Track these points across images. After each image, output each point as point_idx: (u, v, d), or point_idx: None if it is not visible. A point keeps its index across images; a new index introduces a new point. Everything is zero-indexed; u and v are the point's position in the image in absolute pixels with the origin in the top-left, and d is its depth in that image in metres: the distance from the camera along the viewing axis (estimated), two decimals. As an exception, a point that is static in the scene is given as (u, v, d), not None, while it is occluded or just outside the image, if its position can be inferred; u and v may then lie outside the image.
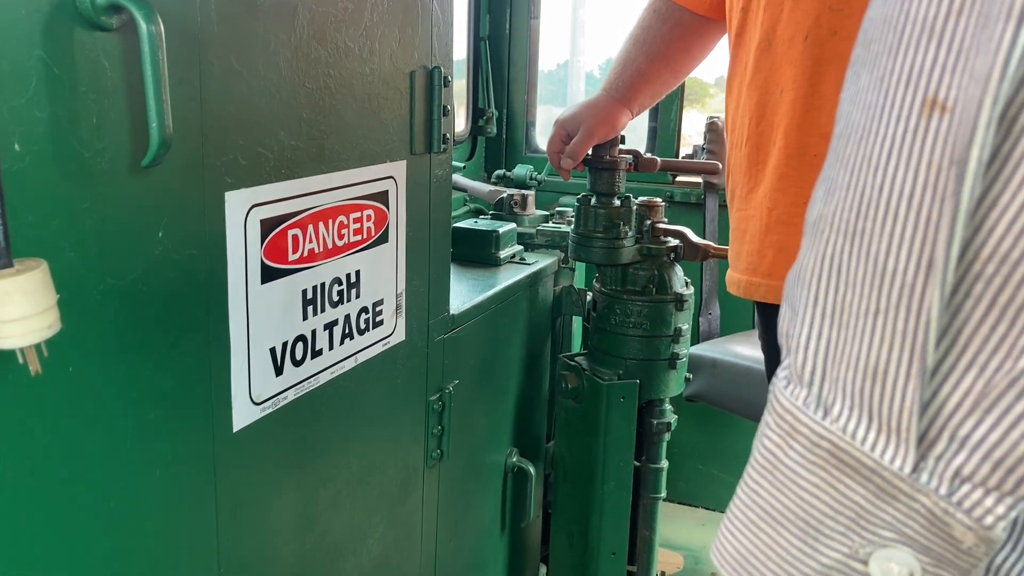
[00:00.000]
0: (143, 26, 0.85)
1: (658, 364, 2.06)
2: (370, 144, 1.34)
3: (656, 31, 1.81)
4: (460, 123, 3.10)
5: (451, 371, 1.68)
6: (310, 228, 1.22)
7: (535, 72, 3.17)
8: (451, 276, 1.68)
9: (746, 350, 2.50)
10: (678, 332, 2.05)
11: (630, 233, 2.02)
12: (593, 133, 1.88)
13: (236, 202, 1.07)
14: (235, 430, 1.13)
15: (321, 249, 1.25)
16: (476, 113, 3.12)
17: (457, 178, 2.59)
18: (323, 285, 1.26)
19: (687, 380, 2.19)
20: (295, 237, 1.19)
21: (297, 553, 1.31)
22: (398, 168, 1.41)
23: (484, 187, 2.46)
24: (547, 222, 2.35)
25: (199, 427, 1.07)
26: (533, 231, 2.27)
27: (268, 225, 1.14)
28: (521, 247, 2.18)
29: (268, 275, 1.15)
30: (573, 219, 2.05)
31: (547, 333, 2.23)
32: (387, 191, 1.39)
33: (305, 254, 1.22)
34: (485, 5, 3.08)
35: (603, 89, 1.90)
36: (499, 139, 3.18)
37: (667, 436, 2.14)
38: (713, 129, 2.50)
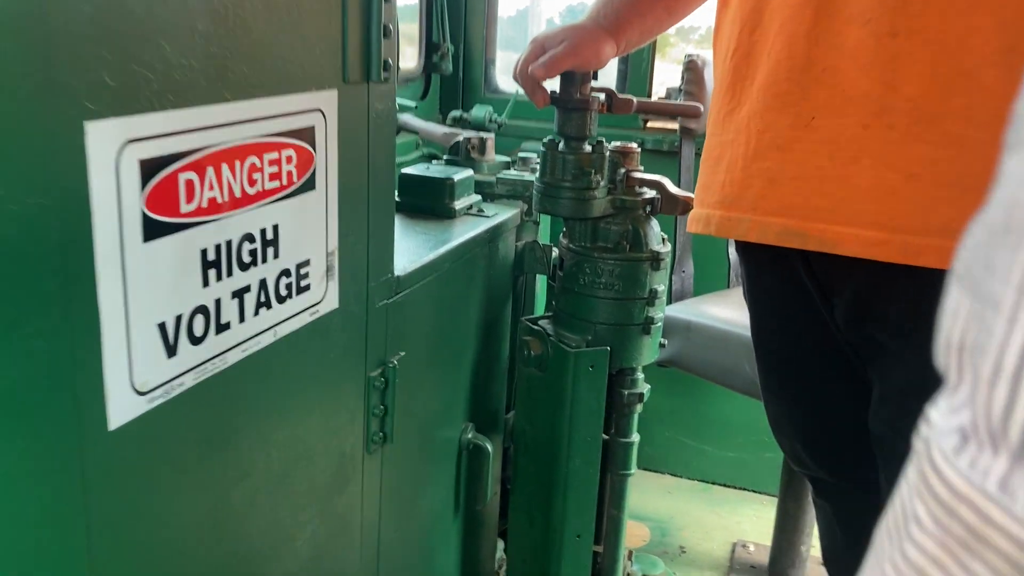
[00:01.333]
0: None
1: (631, 329, 1.84)
2: (290, 67, 1.08)
3: None
4: (412, 59, 2.82)
5: (396, 342, 1.44)
6: (210, 171, 0.96)
7: (495, 4, 2.89)
8: (397, 230, 1.43)
9: (722, 311, 2.30)
10: (653, 294, 1.83)
11: (602, 183, 1.79)
12: (576, 51, 1.60)
13: (102, 135, 0.82)
14: (112, 428, 0.89)
15: (226, 198, 1.00)
16: (430, 48, 2.84)
17: (407, 118, 2.32)
18: (229, 243, 1.01)
19: (661, 345, 1.98)
20: (189, 183, 0.94)
21: (207, 567, 1.08)
22: (327, 99, 1.16)
23: (438, 129, 2.21)
24: (509, 169, 2.11)
25: (60, 428, 0.83)
26: (493, 179, 2.02)
27: (150, 167, 0.88)
28: (479, 197, 1.93)
29: (153, 231, 0.90)
30: (538, 167, 1.81)
31: (508, 294, 2.00)
32: (312, 127, 1.14)
33: (204, 204, 0.96)
34: (441, -73, 2.79)
35: (588, 18, 1.65)
36: (455, 77, 2.91)
37: (639, 408, 1.94)
38: (692, 68, 2.26)
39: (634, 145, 1.86)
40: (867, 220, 1.11)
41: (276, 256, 1.10)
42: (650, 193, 1.84)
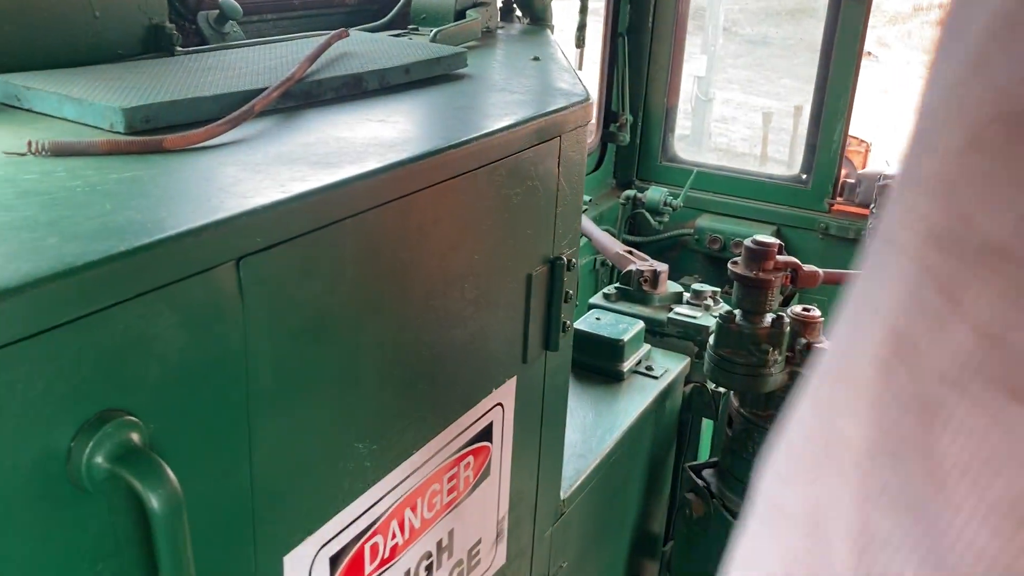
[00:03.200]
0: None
1: (799, 502, 1.79)
2: (472, 382, 1.09)
3: None
4: (588, 130, 2.77)
5: (560, 554, 1.47)
6: (393, 524, 1.00)
7: (679, 72, 2.78)
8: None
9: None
10: (826, 469, 1.76)
11: (779, 359, 1.72)
12: None
13: (297, 562, 0.86)
14: None
15: (407, 535, 1.04)
16: (608, 118, 2.77)
17: (584, 224, 2.29)
18: (408, 572, 1.06)
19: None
20: (374, 547, 0.98)
21: None
22: (506, 391, 1.17)
23: (612, 245, 2.17)
24: (680, 301, 2.05)
25: None
26: (664, 318, 1.98)
27: (338, 556, 0.93)
28: (647, 348, 1.90)
29: (339, 601, 0.95)
30: (713, 335, 1.76)
31: (673, 438, 1.98)
32: (491, 423, 1.15)
33: (387, 554, 1.01)
34: (626, -6, 2.68)
35: None
36: (632, 146, 2.84)
37: (801, 571, 1.89)
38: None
39: (816, 313, 1.77)
40: None
41: (449, 556, 1.14)
42: (831, 365, 1.75)
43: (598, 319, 1.90)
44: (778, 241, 1.71)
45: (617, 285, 2.08)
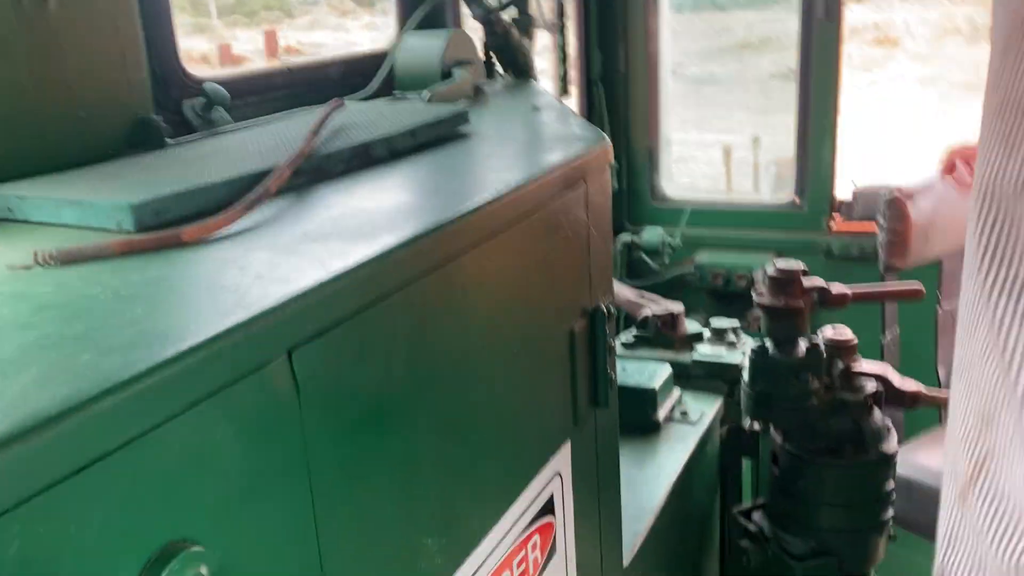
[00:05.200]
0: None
1: (861, 534, 1.70)
2: (529, 453, 1.01)
3: None
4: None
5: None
6: (471, 623, 0.91)
7: (656, 112, 2.75)
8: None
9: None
10: (885, 495, 1.68)
11: (819, 387, 1.65)
12: None
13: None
14: None
15: (484, 633, 0.94)
16: (592, 165, 2.73)
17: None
18: (489, 674, 0.96)
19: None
20: (453, 652, 0.88)
21: None
22: (562, 459, 1.09)
23: (623, 291, 2.10)
24: (700, 340, 1.98)
25: None
26: (688, 360, 1.91)
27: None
28: (679, 393, 1.83)
29: None
30: (747, 372, 1.69)
31: (715, 483, 1.90)
32: (552, 496, 1.07)
33: (465, 658, 0.91)
34: (595, 41, 2.67)
35: None
36: (620, 191, 2.79)
37: (871, 607, 1.80)
38: (896, 206, 2.06)
39: (850, 335, 1.71)
40: None
41: (528, 648, 1.04)
42: (871, 386, 1.69)
43: (624, 369, 1.82)
44: (801, 264, 1.65)
45: (635, 333, 2.01)
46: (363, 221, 0.81)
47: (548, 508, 1.06)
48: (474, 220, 0.83)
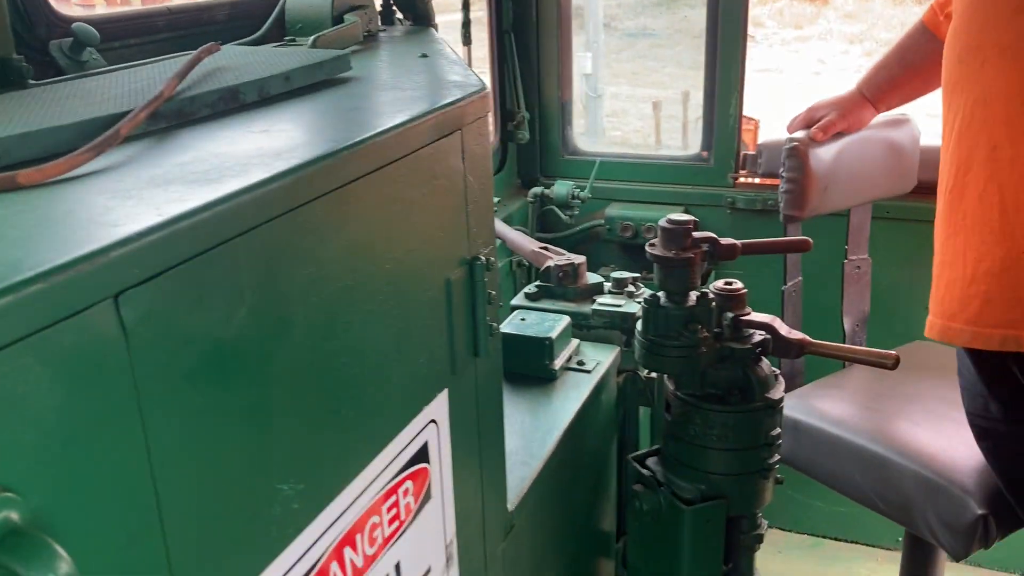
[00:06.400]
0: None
1: (749, 477, 1.76)
2: (400, 402, 1.02)
3: (917, 42, 2.03)
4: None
5: (513, 569, 1.40)
6: (334, 567, 0.92)
7: (569, 64, 2.75)
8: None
9: (835, 407, 2.20)
10: (771, 440, 1.74)
11: (709, 336, 1.69)
12: (844, 118, 2.12)
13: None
14: None
15: (350, 576, 0.95)
16: (504, 117, 2.73)
17: (496, 226, 2.23)
18: (357, 616, 0.97)
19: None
20: (315, 595, 0.89)
21: None
22: (438, 407, 1.10)
23: (527, 244, 2.12)
24: (601, 292, 2.01)
25: None
26: (588, 311, 1.94)
27: (277, 610, 0.84)
28: (576, 343, 1.86)
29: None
30: (640, 321, 1.72)
31: (613, 431, 1.94)
32: (426, 443, 1.08)
33: (330, 601, 0.92)
34: (507, -9, 2.64)
35: (856, 85, 2.14)
36: (532, 143, 2.79)
37: (758, 547, 1.87)
38: (795, 155, 2.10)
39: (739, 285, 1.75)
40: None
41: (400, 590, 1.06)
42: (759, 336, 1.73)
43: (523, 319, 1.84)
44: (693, 217, 1.68)
45: (537, 283, 2.03)
46: (212, 166, 0.79)
47: (423, 456, 1.08)
48: (327, 167, 0.83)
